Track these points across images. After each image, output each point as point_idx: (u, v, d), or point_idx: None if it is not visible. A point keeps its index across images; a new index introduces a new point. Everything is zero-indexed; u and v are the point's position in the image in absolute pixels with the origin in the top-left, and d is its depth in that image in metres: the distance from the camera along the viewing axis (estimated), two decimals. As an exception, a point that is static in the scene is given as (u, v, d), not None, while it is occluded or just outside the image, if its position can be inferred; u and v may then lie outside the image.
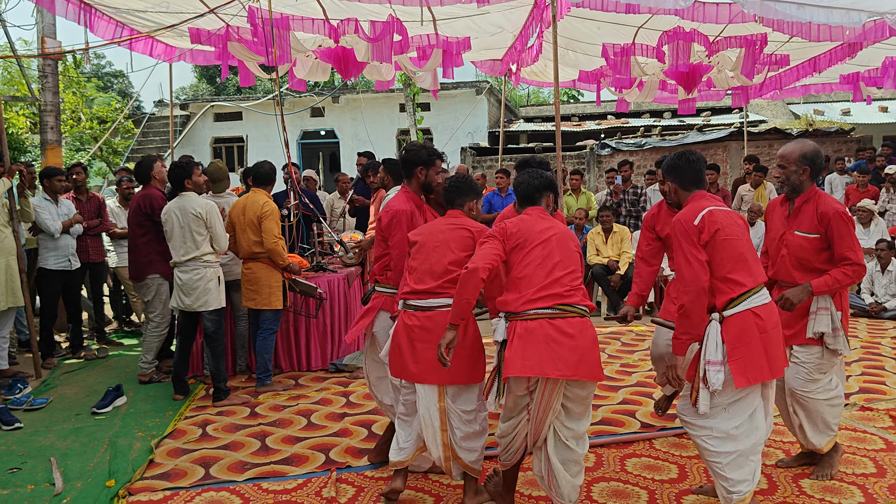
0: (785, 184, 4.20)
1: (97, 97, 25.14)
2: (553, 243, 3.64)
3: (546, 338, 3.45)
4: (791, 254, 4.14)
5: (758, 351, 3.55)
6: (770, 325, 3.60)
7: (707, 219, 3.61)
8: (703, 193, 3.84)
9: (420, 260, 3.98)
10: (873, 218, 10.19)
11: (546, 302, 3.51)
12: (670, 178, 3.96)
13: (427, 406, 3.89)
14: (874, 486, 4.12)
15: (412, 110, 17.76)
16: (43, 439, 5.38)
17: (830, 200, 4.09)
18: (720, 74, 10.71)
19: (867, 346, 7.46)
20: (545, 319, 3.49)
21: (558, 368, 3.41)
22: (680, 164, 3.92)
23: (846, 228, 4.00)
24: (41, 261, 7.64)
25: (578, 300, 3.56)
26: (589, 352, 3.48)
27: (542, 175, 3.93)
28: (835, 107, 20.58)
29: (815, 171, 4.13)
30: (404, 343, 3.93)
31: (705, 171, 3.93)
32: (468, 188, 4.16)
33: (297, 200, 7.71)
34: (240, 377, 6.89)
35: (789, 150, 4.19)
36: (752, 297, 3.59)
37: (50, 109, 9.91)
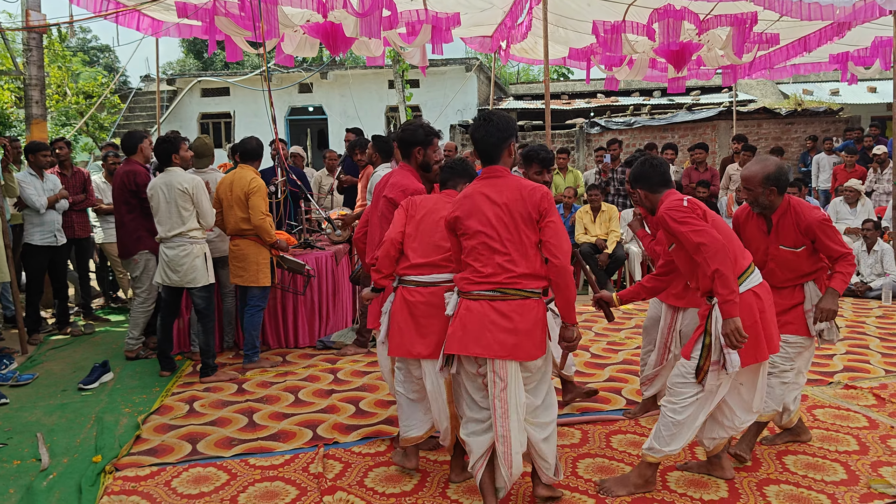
0: (754, 205, 4.20)
1: (83, 72, 24.88)
2: (491, 230, 3.45)
3: (484, 319, 3.42)
4: (780, 266, 4.20)
5: (758, 331, 3.68)
6: (767, 305, 3.75)
7: (692, 203, 3.72)
8: (673, 191, 3.91)
9: (422, 234, 3.95)
10: (860, 198, 10.24)
11: (487, 286, 3.44)
12: (639, 185, 3.99)
13: (434, 380, 3.90)
14: (857, 463, 4.17)
15: (401, 87, 17.66)
16: (29, 415, 5.37)
17: (808, 211, 4.10)
18: (710, 53, 10.71)
19: (852, 326, 7.52)
20: (486, 301, 3.44)
21: (492, 349, 3.38)
22: (644, 170, 3.96)
23: (831, 231, 4.07)
24: (27, 236, 7.58)
25: (523, 284, 3.43)
26: (527, 335, 3.40)
27: (501, 127, 3.57)
28: (824, 87, 20.59)
29: (780, 188, 4.11)
30: (406, 320, 3.90)
31: (670, 173, 4.00)
32: (463, 171, 4.17)
33: (284, 177, 7.67)
34: (227, 354, 6.89)
35: (752, 172, 4.13)
36: (751, 276, 3.74)
37: (35, 83, 9.79)
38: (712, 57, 11.08)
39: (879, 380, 5.69)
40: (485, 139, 3.55)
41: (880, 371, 5.93)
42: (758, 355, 3.70)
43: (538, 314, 3.45)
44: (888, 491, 3.78)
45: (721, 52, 10.54)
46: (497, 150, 3.57)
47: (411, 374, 4.05)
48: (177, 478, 4.20)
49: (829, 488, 3.87)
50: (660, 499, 3.79)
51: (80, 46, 34.46)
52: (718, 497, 3.79)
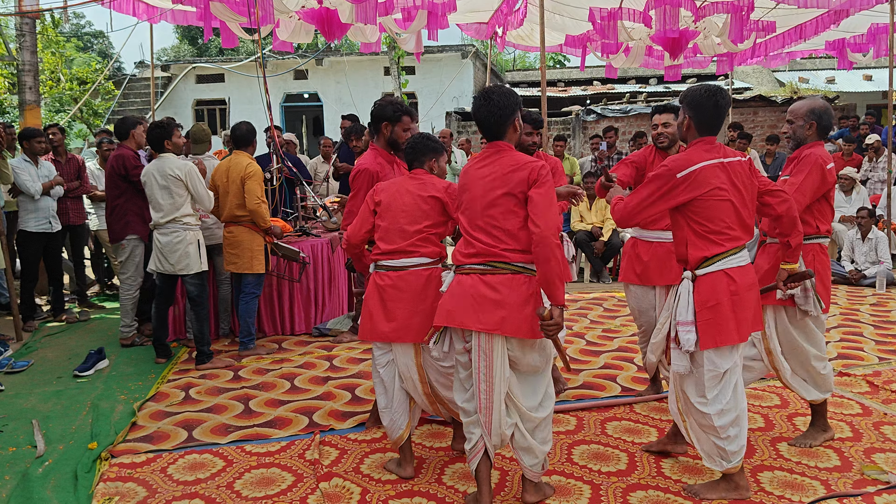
0: (791, 138, 4.20)
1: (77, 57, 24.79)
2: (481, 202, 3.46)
3: (473, 291, 3.42)
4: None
5: (726, 313, 3.51)
6: (743, 287, 3.55)
7: (694, 177, 3.50)
8: (711, 140, 3.64)
9: (389, 220, 3.96)
10: (854, 186, 10.25)
11: (477, 259, 3.45)
12: (690, 111, 3.67)
13: (405, 363, 3.94)
14: (850, 449, 4.19)
15: (397, 74, 17.60)
16: (24, 402, 5.37)
17: (819, 150, 4.06)
18: (706, 40, 10.69)
19: (846, 313, 7.54)
20: (477, 275, 3.45)
21: (481, 322, 3.37)
22: (705, 103, 3.63)
23: (808, 170, 3.98)
24: (21, 223, 7.55)
25: (512, 258, 3.41)
26: (516, 309, 3.36)
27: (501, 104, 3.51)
28: (819, 75, 20.57)
29: (821, 127, 4.10)
30: (376, 304, 3.93)
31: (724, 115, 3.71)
32: (424, 147, 4.09)
33: (279, 164, 7.65)
34: (223, 341, 6.89)
35: (799, 105, 4.18)
36: (728, 258, 3.55)
37: (28, 69, 9.76)
38: (709, 44, 11.06)
39: (873, 367, 5.71)
40: (487, 118, 3.52)
41: (874, 358, 5.95)
42: (720, 338, 3.49)
43: (528, 291, 3.39)
44: (881, 477, 3.81)
45: (718, 40, 10.52)
46: (501, 127, 3.53)
47: (378, 364, 4.05)
48: (173, 464, 4.21)
49: (822, 475, 3.89)
50: (654, 484, 3.81)
51: (73, 32, 34.27)
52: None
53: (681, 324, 3.56)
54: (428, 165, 4.08)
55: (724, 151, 3.62)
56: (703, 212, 3.54)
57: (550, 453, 4.18)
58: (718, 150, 3.61)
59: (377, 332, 3.93)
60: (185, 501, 3.75)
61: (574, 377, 5.56)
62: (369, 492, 3.81)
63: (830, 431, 4.30)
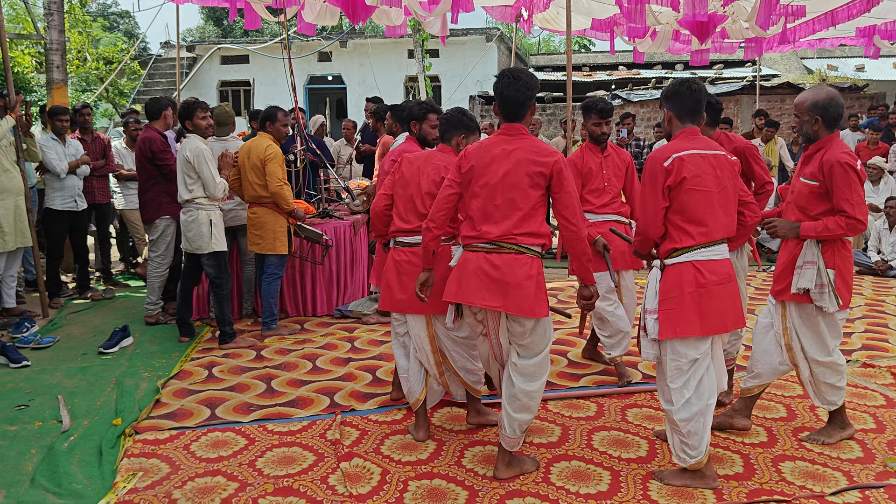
0: (799, 133, 4.12)
1: (103, 37, 24.92)
2: (497, 183, 3.53)
3: (477, 269, 3.54)
4: (794, 201, 4.04)
5: (690, 304, 3.50)
6: (712, 280, 3.51)
7: (677, 164, 3.50)
8: (694, 130, 3.65)
9: (406, 200, 4.20)
10: (883, 175, 10.11)
11: (488, 238, 3.55)
12: (668, 104, 3.71)
13: (417, 333, 4.17)
14: (873, 441, 4.16)
15: (420, 56, 17.55)
16: (50, 377, 5.44)
17: (839, 149, 3.88)
18: (735, 25, 10.55)
19: (871, 304, 7.46)
20: (483, 253, 3.56)
21: (484, 299, 3.51)
22: (681, 91, 3.67)
23: (845, 179, 3.79)
24: (47, 201, 7.62)
25: (520, 240, 3.51)
26: (517, 287, 3.47)
27: (530, 85, 3.59)
28: (849, 62, 20.27)
29: (828, 120, 3.93)
30: (393, 277, 4.18)
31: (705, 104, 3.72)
32: (457, 123, 4.22)
33: (303, 146, 7.66)
34: (246, 321, 6.93)
35: (802, 98, 4.04)
36: (699, 250, 3.54)
37: (56, 48, 9.82)
38: (737, 29, 10.91)
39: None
40: (515, 97, 3.58)
41: (899, 350, 5.89)
42: (679, 329, 3.50)
43: (530, 270, 3.51)
44: (905, 469, 3.77)
45: (746, 25, 10.38)
46: (523, 109, 3.61)
47: (396, 331, 4.36)
48: (196, 442, 4.25)
49: (844, 466, 3.86)
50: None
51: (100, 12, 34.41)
52: (733, 472, 3.79)
53: (647, 312, 3.64)
54: (455, 142, 4.20)
55: (708, 144, 3.64)
56: (678, 201, 3.54)
57: (570, 438, 4.21)
58: (702, 141, 3.64)
59: (393, 302, 4.18)
60: (207, 478, 3.79)
61: (595, 364, 5.55)
62: (389, 472, 3.83)
63: (850, 429, 4.19)
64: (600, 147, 5.14)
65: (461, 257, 3.68)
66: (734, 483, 3.68)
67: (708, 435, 3.58)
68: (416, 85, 18.80)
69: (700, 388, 3.57)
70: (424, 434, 4.25)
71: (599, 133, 5.06)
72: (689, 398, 3.55)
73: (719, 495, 3.55)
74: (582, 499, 3.55)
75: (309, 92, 23.19)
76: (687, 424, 3.55)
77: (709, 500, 3.51)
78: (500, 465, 3.75)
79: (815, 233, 3.86)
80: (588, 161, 5.08)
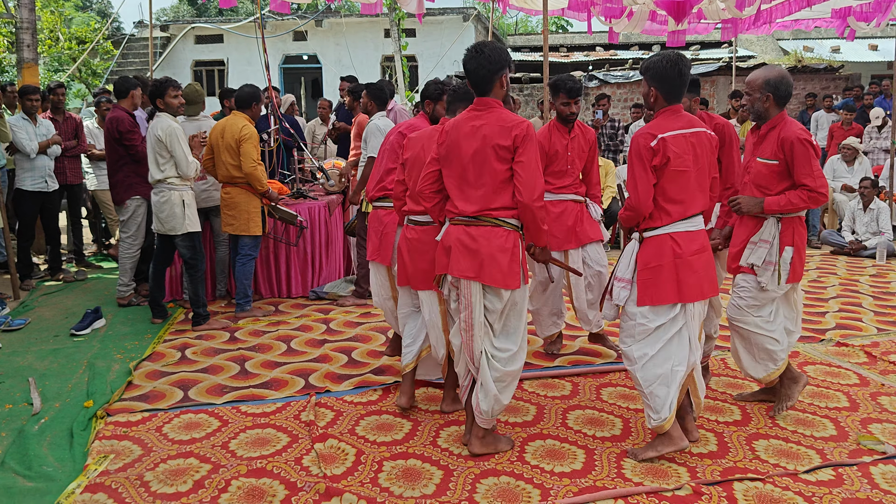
0: (750, 111, 4.15)
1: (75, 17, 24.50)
2: (469, 160, 3.57)
3: (456, 241, 3.60)
4: (752, 181, 4.09)
5: (667, 274, 3.60)
6: (689, 251, 3.61)
7: (661, 145, 3.56)
8: (678, 108, 3.69)
9: (413, 179, 4.18)
10: (857, 156, 10.18)
11: (464, 213, 3.61)
12: (655, 84, 3.68)
13: (430, 310, 4.17)
14: (846, 419, 4.19)
15: (397, 36, 17.40)
16: (21, 359, 5.37)
17: (794, 127, 3.96)
18: (711, 5, 10.54)
19: (845, 284, 7.53)
20: (462, 225, 3.62)
21: (461, 269, 3.56)
22: (671, 74, 3.63)
23: (805, 154, 3.87)
24: (18, 182, 7.50)
25: (496, 214, 3.56)
26: (490, 259, 3.52)
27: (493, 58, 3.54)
28: (824, 44, 20.35)
29: (778, 97, 4.02)
30: (406, 255, 4.22)
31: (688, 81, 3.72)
32: (466, 95, 4.18)
33: (277, 125, 7.57)
34: (219, 302, 6.87)
35: (753, 76, 4.09)
36: (677, 223, 3.63)
37: (26, 27, 9.63)
38: (713, 10, 10.90)
39: (871, 338, 5.71)
40: (476, 70, 3.58)
41: (872, 329, 5.95)
42: (657, 297, 3.61)
43: (505, 243, 3.56)
44: (877, 448, 3.81)
45: (722, 5, 10.38)
46: (489, 83, 3.60)
47: (409, 298, 4.45)
48: (168, 423, 4.21)
49: (818, 444, 3.89)
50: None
51: (71, -10, 33.83)
52: (707, 450, 3.81)
53: (618, 279, 3.75)
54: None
55: (690, 121, 3.68)
56: (660, 183, 3.61)
57: (545, 417, 4.22)
58: (684, 119, 3.67)
59: (406, 277, 4.24)
60: (180, 460, 3.75)
61: (570, 343, 5.57)
62: (364, 453, 3.81)
63: (802, 379, 4.23)
64: (567, 127, 5.07)
65: (445, 230, 3.73)
66: (708, 461, 3.69)
67: (672, 401, 3.63)
68: (393, 65, 18.66)
69: (666, 352, 3.64)
70: (407, 401, 4.31)
71: (568, 113, 4.97)
72: (652, 357, 3.63)
73: (693, 473, 3.57)
74: (556, 477, 3.55)
75: (284, 71, 22.97)
76: (649, 385, 3.63)
77: (683, 477, 3.53)
78: (474, 440, 3.74)
79: (778, 207, 3.94)
80: (555, 142, 5.02)
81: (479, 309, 3.60)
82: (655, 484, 3.47)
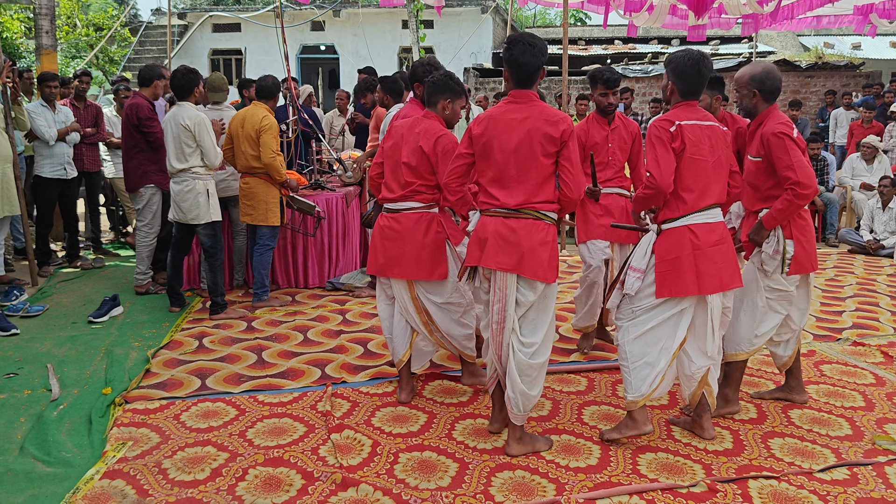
0: (740, 107, 4.15)
1: (93, 3, 24.60)
2: (511, 153, 3.55)
3: (494, 233, 3.59)
4: (745, 179, 4.10)
5: (686, 266, 3.62)
6: (707, 242, 3.63)
7: (679, 131, 3.61)
8: (693, 104, 3.74)
9: (388, 172, 4.32)
10: (877, 154, 10.10)
11: (504, 205, 3.60)
12: (674, 78, 3.74)
13: (401, 295, 4.32)
14: (862, 419, 4.18)
15: (415, 27, 17.37)
16: (39, 346, 5.42)
17: (774, 121, 3.91)
18: (732, 0, 10.47)
19: (862, 283, 7.48)
20: (501, 217, 3.60)
21: (498, 261, 3.55)
22: (690, 72, 3.68)
23: (782, 146, 3.81)
24: (37, 168, 7.55)
25: (537, 207, 3.57)
26: (531, 252, 3.52)
27: (544, 51, 3.58)
28: (845, 40, 20.19)
29: (765, 93, 3.98)
30: (378, 241, 4.31)
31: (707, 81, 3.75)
32: (444, 86, 4.22)
33: (295, 116, 7.59)
34: (237, 292, 6.91)
35: (741, 73, 4.08)
36: (693, 215, 3.66)
37: (45, 13, 9.69)
38: (734, 5, 10.84)
39: (888, 337, 5.67)
40: (530, 63, 3.57)
41: (889, 329, 5.91)
42: (675, 289, 3.63)
43: (546, 237, 3.58)
44: (893, 447, 3.79)
45: (743, 0, 10.31)
46: (537, 75, 3.62)
47: (384, 294, 4.47)
48: (186, 412, 4.25)
49: (833, 443, 3.88)
50: (664, 447, 3.81)
51: (90, -23, 33.95)
52: (723, 448, 3.81)
53: (633, 269, 3.77)
54: (441, 106, 4.24)
55: (705, 115, 3.74)
56: (681, 169, 3.63)
57: (561, 412, 4.22)
58: (699, 113, 3.73)
59: (377, 265, 4.32)
60: (197, 448, 3.79)
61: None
62: (380, 444, 3.83)
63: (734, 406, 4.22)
64: (607, 119, 5.05)
65: (479, 222, 3.71)
66: (723, 459, 3.69)
67: (653, 381, 3.71)
68: (410, 56, 18.64)
69: (657, 333, 3.72)
70: (407, 396, 4.38)
71: (606, 104, 4.97)
72: (642, 335, 3.72)
73: (708, 470, 3.57)
74: (572, 472, 3.56)
75: (301, 62, 22.98)
76: (635, 362, 3.73)
77: (698, 474, 3.53)
78: (511, 441, 3.74)
79: (773, 220, 3.91)
80: (593, 134, 5.03)
81: (512, 301, 3.60)
82: (671, 481, 3.47)
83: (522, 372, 3.63)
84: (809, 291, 4.23)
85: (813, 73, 16.34)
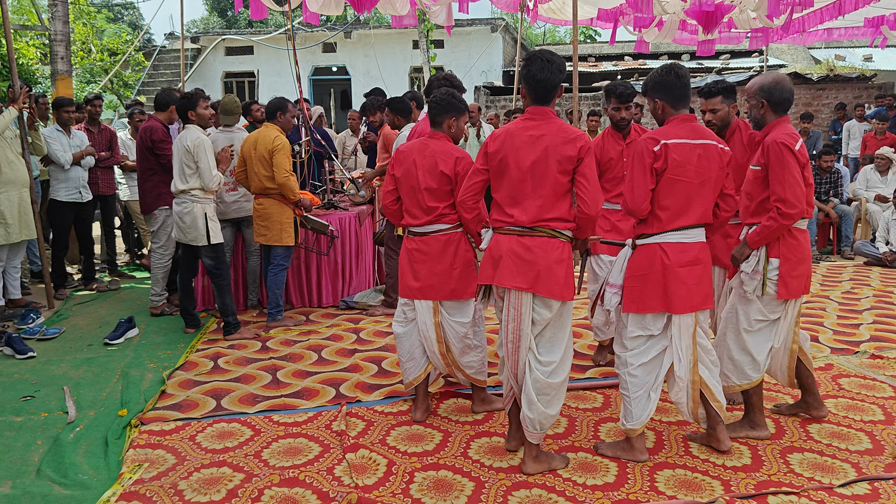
0: (750, 118, 4.14)
1: (107, 28, 24.87)
2: (527, 170, 3.53)
3: (509, 251, 3.56)
4: (744, 189, 4.07)
5: (653, 284, 3.64)
6: (678, 262, 3.62)
7: (664, 150, 3.60)
8: (687, 116, 3.71)
9: (406, 199, 4.30)
10: (891, 166, 10.04)
11: (518, 223, 3.57)
12: (659, 95, 3.74)
13: (424, 320, 4.27)
14: (882, 432, 4.13)
15: (426, 47, 17.49)
16: (56, 368, 5.44)
17: (780, 131, 3.87)
18: (742, 14, 10.48)
19: (879, 295, 7.42)
20: (515, 236, 3.58)
21: (514, 280, 3.52)
22: (669, 80, 3.70)
23: (779, 158, 3.76)
24: (52, 192, 7.62)
25: (552, 225, 3.55)
26: (548, 270, 3.50)
27: (562, 69, 3.57)
28: (856, 52, 20.12)
29: (773, 103, 3.93)
30: (406, 265, 4.30)
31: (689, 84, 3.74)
32: (447, 105, 4.24)
33: (308, 137, 7.63)
34: (251, 312, 6.93)
35: (750, 84, 4.06)
36: (668, 234, 3.65)
37: (60, 39, 9.79)
38: (744, 19, 10.85)
39: (907, 350, 5.62)
40: (549, 80, 3.56)
41: (908, 341, 5.86)
42: (642, 306, 3.67)
43: (561, 254, 3.56)
44: (914, 461, 3.75)
45: (753, 14, 10.32)
46: (554, 92, 3.62)
47: (404, 315, 4.42)
48: (201, 433, 4.25)
49: (853, 457, 3.84)
50: (682, 463, 3.78)
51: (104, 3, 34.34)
52: (742, 463, 3.77)
53: (609, 285, 3.81)
54: (447, 125, 4.24)
55: (700, 132, 3.69)
56: (662, 188, 3.63)
57: (577, 429, 4.20)
58: (693, 130, 3.68)
59: (406, 289, 4.31)
60: (213, 469, 3.79)
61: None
62: (395, 464, 3.82)
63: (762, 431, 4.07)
64: (622, 133, 5.04)
65: (492, 240, 3.70)
66: (742, 475, 3.66)
67: (647, 414, 3.73)
68: (421, 76, 18.73)
69: (656, 364, 3.74)
70: (422, 415, 4.37)
71: (619, 118, 4.97)
72: (642, 365, 3.73)
73: (727, 487, 3.54)
74: (589, 490, 3.53)
75: (313, 83, 23.13)
76: (635, 392, 3.73)
77: (717, 490, 3.50)
78: (528, 459, 3.72)
79: (759, 238, 3.87)
80: (608, 150, 5.03)
81: (527, 320, 3.58)
82: (689, 497, 3.44)
83: (540, 391, 3.60)
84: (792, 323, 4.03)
85: (824, 86, 16.30)
